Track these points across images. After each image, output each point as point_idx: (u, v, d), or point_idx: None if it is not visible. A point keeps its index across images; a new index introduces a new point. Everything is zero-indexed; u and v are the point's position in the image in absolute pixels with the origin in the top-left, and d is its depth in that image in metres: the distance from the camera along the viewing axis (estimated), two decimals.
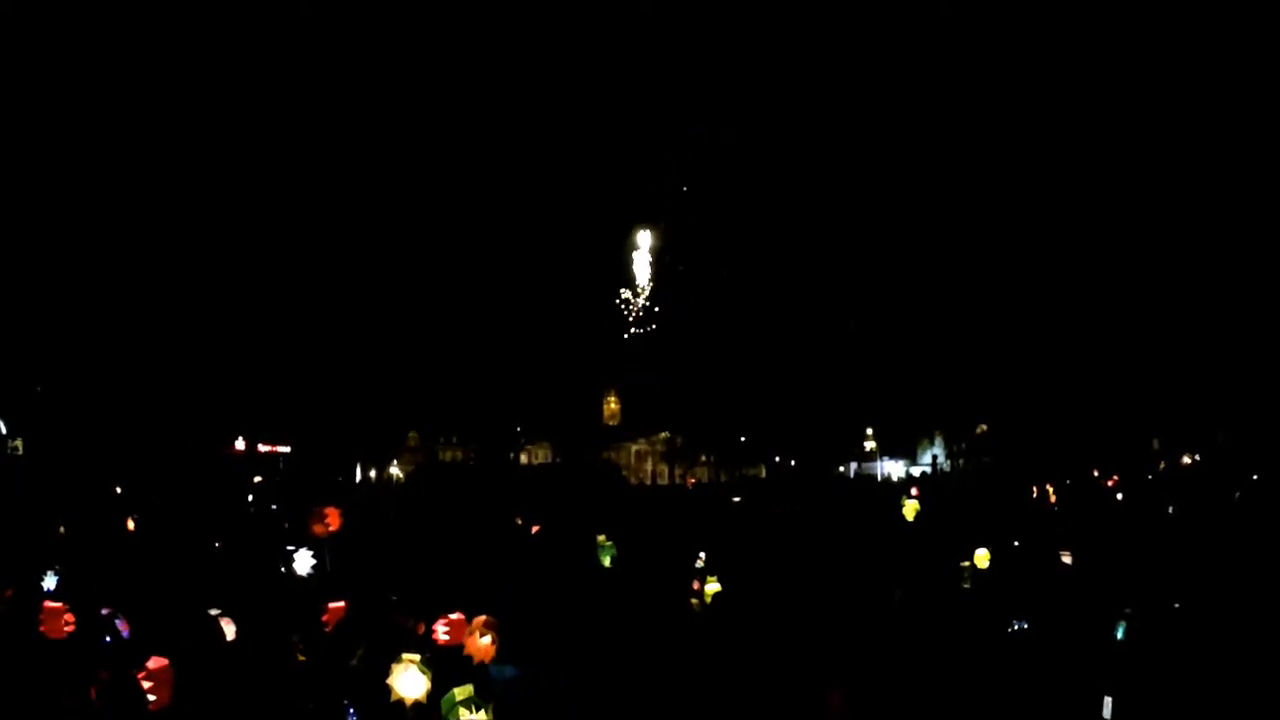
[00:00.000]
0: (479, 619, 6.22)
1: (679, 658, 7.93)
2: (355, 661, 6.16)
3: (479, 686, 5.09)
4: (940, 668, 7.57)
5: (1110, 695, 6.85)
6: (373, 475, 65.39)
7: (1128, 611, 7.85)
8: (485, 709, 5.00)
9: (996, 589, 10.19)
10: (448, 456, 70.08)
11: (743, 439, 66.73)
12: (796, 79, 64.69)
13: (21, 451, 36.52)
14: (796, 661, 7.30)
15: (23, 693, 5.62)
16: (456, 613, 6.43)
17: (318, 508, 8.75)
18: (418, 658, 5.34)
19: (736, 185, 67.80)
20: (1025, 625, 8.53)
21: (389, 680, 5.29)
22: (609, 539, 12.60)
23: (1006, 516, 17.36)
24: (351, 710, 5.65)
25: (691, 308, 70.19)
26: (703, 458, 69.03)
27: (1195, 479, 34.07)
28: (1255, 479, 26.75)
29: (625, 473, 64.49)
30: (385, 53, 62.41)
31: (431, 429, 71.67)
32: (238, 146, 56.37)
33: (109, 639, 6.58)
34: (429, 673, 5.28)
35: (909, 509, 16.27)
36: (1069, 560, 11.21)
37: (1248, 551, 12.02)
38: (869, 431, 70.41)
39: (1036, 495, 24.08)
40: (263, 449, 50.47)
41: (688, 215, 70.87)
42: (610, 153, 67.53)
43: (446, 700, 5.02)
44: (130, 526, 15.61)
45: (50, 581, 8.66)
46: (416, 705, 5.24)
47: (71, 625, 6.59)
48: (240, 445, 49.53)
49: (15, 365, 39.53)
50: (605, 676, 7.15)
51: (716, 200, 69.43)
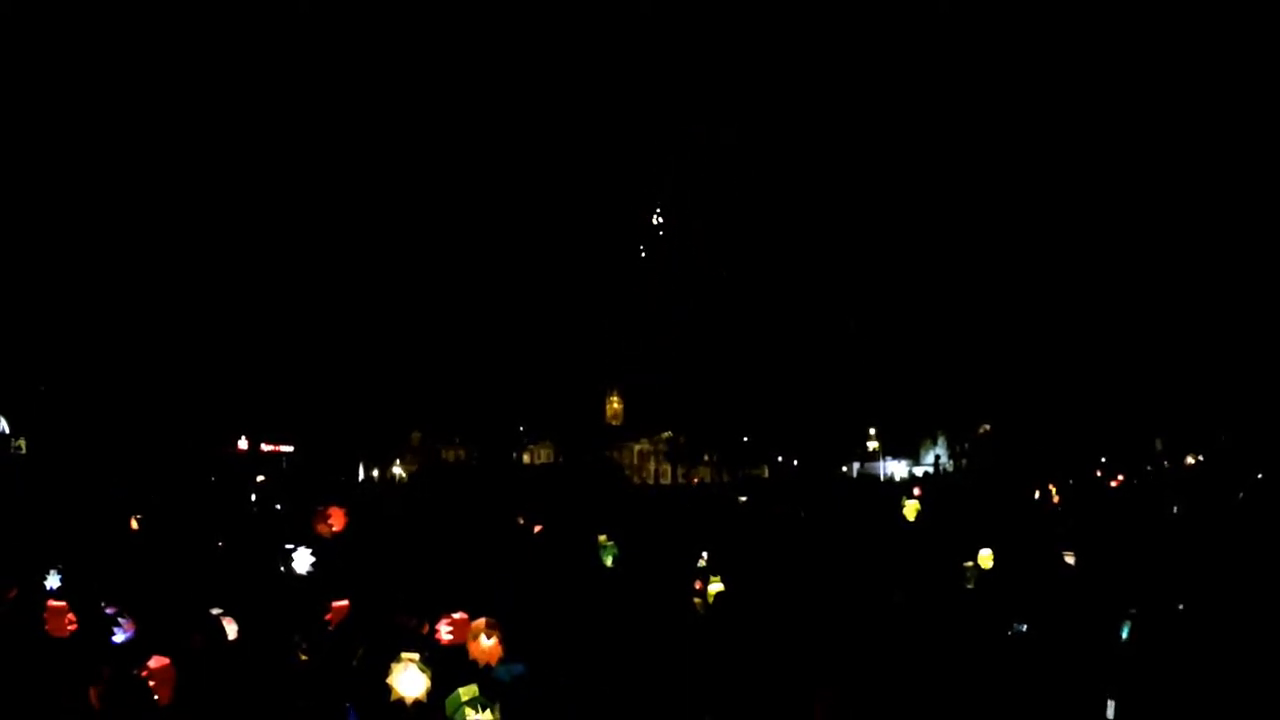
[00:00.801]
0: (481, 621, 6.20)
1: (681, 658, 7.91)
2: (356, 661, 6.16)
3: (484, 686, 5.08)
4: (943, 668, 7.55)
5: (1113, 697, 6.84)
6: (375, 475, 65.44)
7: (1131, 612, 7.82)
8: (491, 709, 5.00)
9: (999, 589, 10.16)
10: (450, 456, 70.11)
11: (745, 439, 66.72)
12: (796, 79, 64.74)
13: (24, 451, 36.49)
14: (799, 661, 7.28)
15: (26, 691, 5.62)
16: (459, 612, 6.42)
17: (321, 507, 8.75)
18: (417, 657, 5.34)
19: (736, 185, 67.84)
20: (1028, 626, 8.52)
21: (389, 679, 5.29)
22: (611, 539, 12.59)
23: (1009, 516, 17.35)
24: (352, 710, 5.64)
25: (693, 308, 70.22)
26: (705, 458, 69.03)
27: (1198, 479, 34.00)
28: (1259, 479, 26.71)
29: (628, 473, 64.63)
30: (386, 53, 62.53)
31: (434, 429, 71.72)
32: (240, 147, 56.48)
33: (112, 638, 6.58)
34: (429, 672, 5.27)
35: (909, 509, 16.24)
36: (1072, 561, 11.20)
37: (1251, 552, 11.99)
38: (872, 431, 70.32)
39: (1039, 495, 24.07)
40: (265, 448, 50.53)
41: (687, 215, 70.86)
42: (610, 153, 67.59)
43: (452, 700, 5.02)
44: (133, 526, 15.60)
45: (53, 580, 8.65)
46: (417, 705, 5.24)
47: (74, 624, 6.59)
48: (243, 444, 49.58)
49: (18, 364, 39.52)
50: (607, 676, 7.14)
51: (716, 200, 69.46)
